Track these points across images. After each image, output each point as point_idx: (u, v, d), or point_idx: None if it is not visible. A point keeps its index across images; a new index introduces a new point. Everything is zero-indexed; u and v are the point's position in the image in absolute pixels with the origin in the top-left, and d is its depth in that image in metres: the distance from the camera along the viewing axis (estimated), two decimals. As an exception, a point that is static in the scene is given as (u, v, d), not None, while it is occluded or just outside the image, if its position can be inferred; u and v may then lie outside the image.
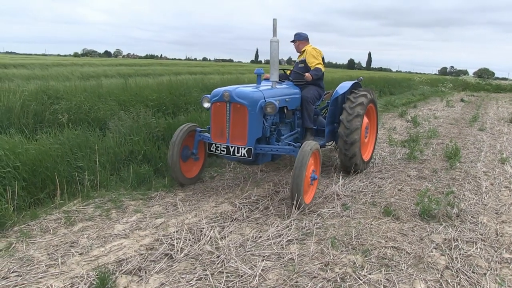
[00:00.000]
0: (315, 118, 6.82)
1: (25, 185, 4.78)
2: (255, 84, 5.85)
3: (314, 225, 4.58)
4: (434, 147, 9.16)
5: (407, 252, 4.02)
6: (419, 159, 7.84)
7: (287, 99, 5.86)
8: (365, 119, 6.84)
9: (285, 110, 5.94)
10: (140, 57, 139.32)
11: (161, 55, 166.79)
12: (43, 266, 3.53)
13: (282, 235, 4.27)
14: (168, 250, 3.86)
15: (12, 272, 3.43)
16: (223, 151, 5.22)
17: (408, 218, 4.89)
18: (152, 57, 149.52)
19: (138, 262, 3.62)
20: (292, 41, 6.79)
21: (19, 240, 4.00)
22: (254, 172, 6.66)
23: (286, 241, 4.14)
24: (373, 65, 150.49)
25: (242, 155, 5.13)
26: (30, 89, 8.34)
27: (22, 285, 3.25)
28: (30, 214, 4.56)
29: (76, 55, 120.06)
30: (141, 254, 3.77)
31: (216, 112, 5.27)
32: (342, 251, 4.00)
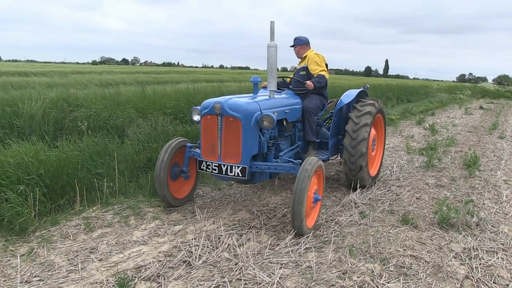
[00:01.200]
0: (318, 130, 6.36)
1: (46, 191, 4.87)
2: (251, 94, 5.31)
3: (332, 233, 4.56)
4: (452, 155, 9.06)
5: (425, 261, 3.98)
6: (437, 167, 7.76)
7: (286, 110, 5.28)
8: (373, 131, 6.39)
9: (284, 123, 5.32)
10: (157, 65, 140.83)
11: (178, 62, 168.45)
12: (64, 271, 3.59)
13: (299, 242, 4.27)
14: (186, 257, 3.89)
15: (34, 277, 3.50)
16: (215, 170, 4.66)
17: (427, 227, 4.84)
18: (169, 64, 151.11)
19: (156, 268, 3.65)
20: (291, 46, 6.24)
21: (40, 245, 4.07)
22: (271, 180, 6.67)
23: (304, 249, 4.14)
24: (390, 72, 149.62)
25: (236, 174, 4.56)
26: (51, 96, 8.49)
27: (44, 290, 3.30)
28: (50, 220, 4.64)
29: (94, 63, 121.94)
30: (160, 261, 3.81)
31: (206, 126, 4.73)
32: (360, 259, 3.98)
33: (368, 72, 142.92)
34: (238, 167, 4.55)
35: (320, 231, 4.61)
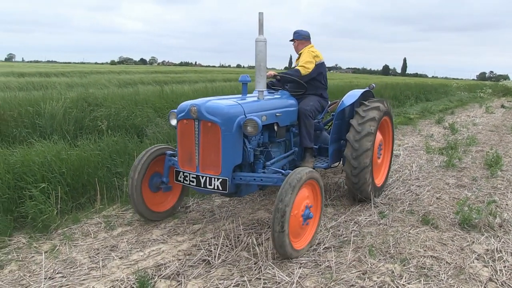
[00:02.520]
0: (318, 134, 5.82)
1: (68, 189, 4.95)
2: (239, 96, 4.79)
3: (351, 232, 4.54)
4: (473, 154, 8.91)
5: (447, 262, 3.93)
6: (457, 167, 7.65)
7: (277, 114, 4.70)
8: (379, 136, 5.73)
9: (276, 127, 4.74)
10: (175, 64, 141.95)
11: (195, 62, 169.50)
12: (86, 269, 3.65)
13: (319, 242, 4.25)
14: (205, 256, 3.91)
15: (57, 273, 3.56)
16: (192, 182, 4.11)
17: (448, 227, 4.78)
18: (186, 64, 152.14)
19: (176, 267, 3.68)
20: (291, 41, 5.66)
21: (62, 242, 4.14)
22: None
23: (323, 249, 4.12)
24: (409, 71, 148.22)
25: (216, 187, 3.99)
26: (71, 96, 8.62)
27: (67, 286, 3.36)
28: (72, 218, 4.72)
29: (112, 63, 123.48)
30: (179, 260, 3.84)
31: (183, 132, 4.19)
32: (380, 259, 3.95)
33: (386, 70, 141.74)
34: (218, 179, 3.98)
35: (339, 230, 4.59)
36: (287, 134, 5.17)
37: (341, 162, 5.72)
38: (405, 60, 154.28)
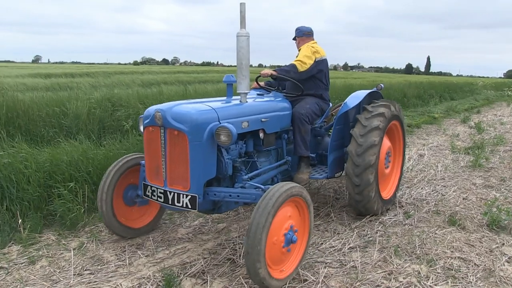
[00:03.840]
0: (319, 140, 5.26)
1: (94, 188, 5.03)
2: (217, 98, 4.38)
3: (376, 232, 4.50)
4: (501, 154, 8.72)
5: (475, 264, 3.86)
6: (484, 167, 7.49)
7: (263, 119, 4.14)
8: (387, 142, 5.14)
9: (262, 134, 4.21)
10: (197, 64, 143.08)
11: (217, 62, 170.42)
12: (113, 266, 3.71)
13: (343, 242, 4.23)
14: (230, 254, 3.94)
15: (85, 270, 3.64)
16: (160, 197, 3.63)
17: (475, 228, 4.69)
18: (208, 64, 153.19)
19: (201, 265, 3.71)
20: (293, 39, 5.23)
21: (89, 240, 4.22)
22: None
23: (348, 248, 4.10)
24: (432, 69, 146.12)
25: (184, 205, 3.49)
26: (96, 96, 8.77)
27: (95, 283, 3.43)
28: (98, 216, 4.79)
29: (135, 63, 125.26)
30: (205, 258, 3.87)
31: (149, 141, 3.69)
32: (405, 260, 3.91)
33: (409, 69, 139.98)
34: (187, 195, 3.47)
35: (364, 230, 4.55)
36: (278, 141, 4.60)
37: (343, 171, 5.08)
38: (428, 58, 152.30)
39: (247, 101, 4.13)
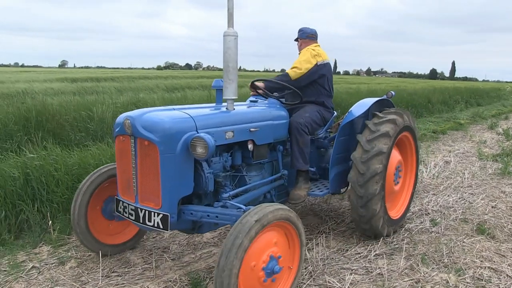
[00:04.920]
0: (322, 152, 4.82)
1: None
2: (201, 105, 4.03)
3: (402, 240, 4.45)
4: (530, 162, 8.51)
5: (507, 275, 3.77)
6: (514, 175, 7.33)
7: (252, 129, 3.70)
8: (397, 155, 4.65)
9: (251, 146, 3.77)
10: (220, 69, 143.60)
11: (240, 67, 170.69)
12: (139, 269, 3.76)
13: (369, 249, 4.20)
14: (255, 259, 3.93)
15: (112, 272, 3.70)
16: (131, 215, 3.28)
17: (506, 238, 4.59)
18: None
19: (227, 269, 3.72)
20: (295, 40, 4.83)
21: (117, 242, 4.28)
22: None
23: (374, 255, 4.06)
24: (457, 74, 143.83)
25: (155, 224, 3.12)
26: (122, 101, 8.93)
27: (123, 285, 3.48)
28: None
29: (159, 68, 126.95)
30: (230, 262, 3.88)
31: (120, 152, 3.36)
32: (433, 268, 3.85)
33: (433, 74, 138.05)
34: (158, 214, 3.10)
35: (390, 237, 4.50)
36: (273, 153, 4.18)
37: (349, 186, 4.54)
38: (453, 63, 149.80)
39: (234, 109, 3.71)
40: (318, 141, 4.67)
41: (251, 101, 4.51)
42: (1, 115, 6.74)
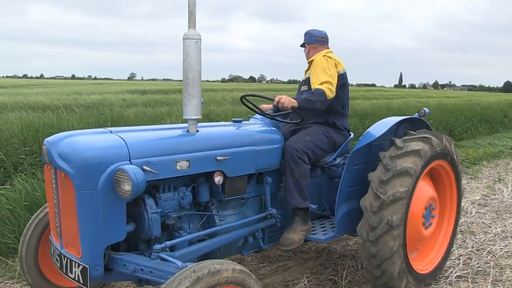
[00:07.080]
0: (336, 183, 3.57)
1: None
2: (172, 125, 3.28)
3: (485, 263, 4.23)
4: None
5: None
6: None
7: (220, 157, 2.93)
8: (428, 190, 3.59)
9: (219, 179, 2.98)
10: (283, 82, 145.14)
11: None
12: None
13: (448, 270, 4.03)
14: (332, 275, 3.91)
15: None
16: (57, 261, 2.65)
17: None
18: (294, 82, 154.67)
19: (304, 284, 3.73)
20: (301, 46, 4.03)
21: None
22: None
23: (455, 277, 3.90)
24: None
25: (76, 277, 2.48)
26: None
27: None
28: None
29: (223, 80, 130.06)
30: (307, 277, 3.87)
31: (46, 182, 2.79)
32: (524, 296, 3.63)
33: (508, 87, 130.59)
34: (79, 265, 2.46)
35: (471, 259, 4.30)
36: (260, 186, 3.37)
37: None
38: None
39: (197, 131, 2.95)
40: (329, 170, 3.78)
41: (234, 121, 3.53)
42: (82, 125, 7.18)
